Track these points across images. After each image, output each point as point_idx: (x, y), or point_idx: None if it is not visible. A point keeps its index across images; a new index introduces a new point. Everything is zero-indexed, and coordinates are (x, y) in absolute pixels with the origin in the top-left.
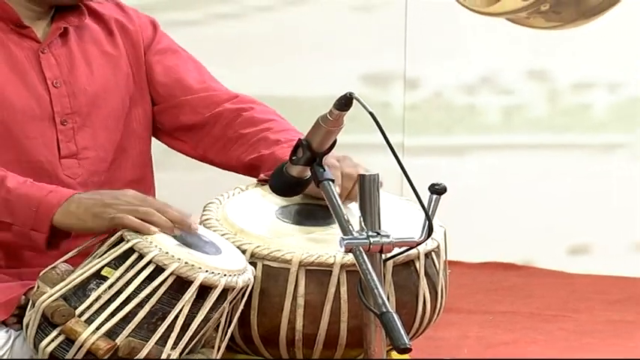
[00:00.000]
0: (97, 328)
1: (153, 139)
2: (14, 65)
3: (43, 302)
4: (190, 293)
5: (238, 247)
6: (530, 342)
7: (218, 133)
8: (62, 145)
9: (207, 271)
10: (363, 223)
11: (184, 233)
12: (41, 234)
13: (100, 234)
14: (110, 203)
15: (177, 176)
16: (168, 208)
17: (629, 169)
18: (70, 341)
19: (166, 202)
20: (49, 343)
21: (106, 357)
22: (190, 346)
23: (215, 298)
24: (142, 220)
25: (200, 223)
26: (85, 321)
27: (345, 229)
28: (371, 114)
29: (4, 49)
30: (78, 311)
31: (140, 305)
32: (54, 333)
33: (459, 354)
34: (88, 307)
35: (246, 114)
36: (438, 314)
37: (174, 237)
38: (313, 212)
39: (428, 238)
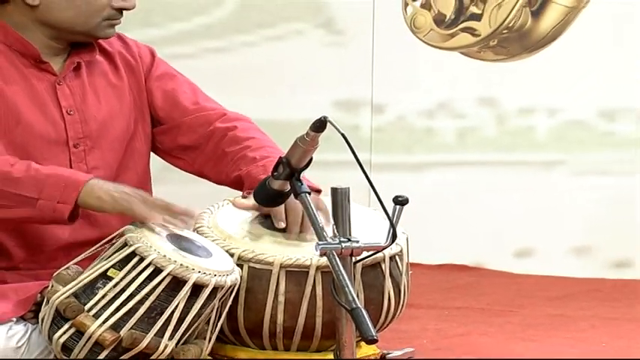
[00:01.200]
0: (104, 322)
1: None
2: (34, 95)
3: (56, 299)
4: (185, 291)
5: (227, 251)
6: (482, 334)
7: (210, 151)
8: (74, 165)
9: (199, 272)
10: (335, 230)
11: (180, 239)
12: (67, 205)
13: (112, 214)
14: (126, 192)
15: (174, 189)
16: (173, 205)
17: (567, 183)
18: (79, 333)
19: (172, 202)
20: (62, 334)
21: (111, 347)
22: (185, 337)
23: (206, 296)
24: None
25: (193, 230)
26: (93, 315)
27: (320, 235)
28: (343, 135)
29: (25, 81)
30: (87, 307)
31: (141, 302)
32: (66, 326)
33: (419, 344)
34: (96, 304)
35: (230, 133)
36: (401, 309)
37: (172, 243)
38: (288, 221)
39: (392, 243)
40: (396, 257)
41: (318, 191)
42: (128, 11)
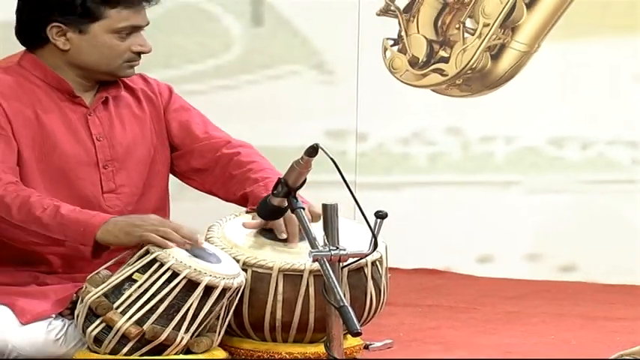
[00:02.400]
0: (129, 318)
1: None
2: (68, 125)
3: (89, 299)
4: (198, 292)
5: (233, 258)
6: (450, 327)
7: (218, 174)
8: (104, 183)
9: (210, 275)
10: (326, 240)
11: (194, 248)
12: (87, 247)
13: (131, 248)
14: (138, 224)
15: (189, 205)
16: (181, 228)
17: (521, 201)
18: (109, 327)
19: (180, 224)
20: (94, 329)
21: (135, 339)
22: (198, 330)
23: (217, 296)
24: (161, 237)
25: (205, 240)
26: (121, 312)
27: (313, 244)
28: (332, 159)
29: (60, 112)
30: (115, 305)
31: (161, 301)
32: (97, 321)
33: (396, 336)
34: (123, 302)
35: (235, 158)
36: (381, 307)
37: (187, 250)
38: (286, 233)
39: (374, 251)
40: (377, 263)
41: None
42: (149, 54)
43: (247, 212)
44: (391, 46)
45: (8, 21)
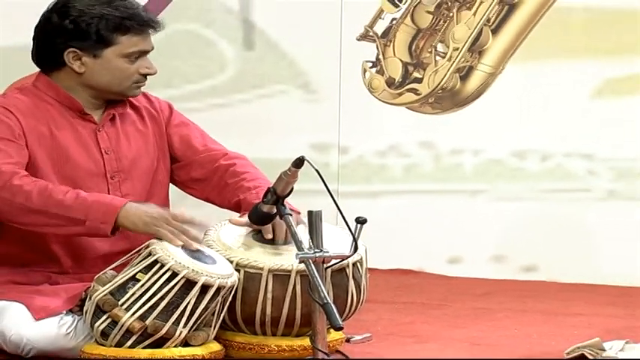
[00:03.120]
0: (133, 314)
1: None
2: (79, 139)
3: (96, 296)
4: (195, 290)
5: (227, 259)
6: (423, 322)
7: (215, 183)
8: (111, 192)
9: (206, 275)
10: (311, 243)
11: (192, 250)
12: (108, 225)
13: (140, 239)
14: (155, 217)
15: (188, 212)
16: (188, 231)
17: (487, 207)
18: (114, 322)
19: (187, 227)
20: (101, 324)
21: (138, 333)
22: (195, 325)
23: (212, 294)
24: (169, 230)
25: (202, 243)
26: (125, 309)
27: (299, 246)
28: (316, 170)
29: (72, 128)
30: (120, 302)
31: (162, 298)
32: (104, 317)
33: (375, 330)
34: (127, 300)
35: (231, 169)
36: (361, 304)
37: (185, 252)
38: (276, 236)
39: (354, 253)
40: (357, 264)
41: (298, 213)
42: (153, 75)
43: (240, 218)
44: (370, 67)
45: (19, 45)
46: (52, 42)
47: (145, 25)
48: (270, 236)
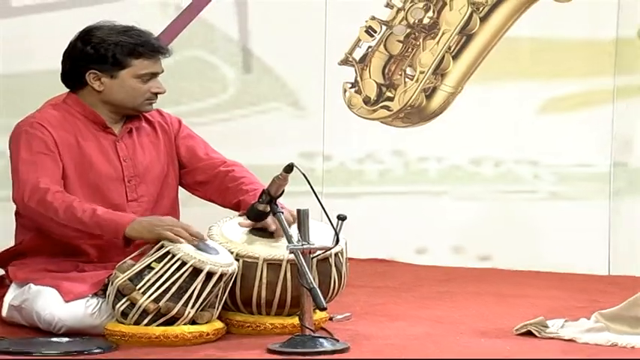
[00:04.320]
0: (149, 297)
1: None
2: (101, 149)
3: (117, 282)
4: (201, 277)
5: (229, 251)
6: (394, 303)
7: (217, 186)
8: (129, 194)
9: (210, 264)
10: (299, 236)
11: (199, 243)
12: (119, 240)
13: (150, 242)
14: (157, 224)
15: (195, 210)
16: (190, 227)
17: (449, 206)
18: (132, 304)
19: (189, 224)
20: (121, 305)
21: (153, 313)
22: (201, 307)
23: (215, 280)
24: (175, 234)
25: (207, 237)
26: (142, 293)
27: (289, 239)
28: (304, 175)
29: (95, 140)
30: (137, 287)
31: (173, 284)
32: (124, 300)
33: (354, 310)
34: (143, 285)
35: (230, 174)
36: (342, 288)
37: (193, 245)
38: (269, 233)
39: (336, 245)
40: (339, 254)
41: (289, 211)
42: (163, 94)
43: (239, 216)
44: (349, 88)
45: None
46: (76, 65)
47: (155, 52)
48: (273, 227)
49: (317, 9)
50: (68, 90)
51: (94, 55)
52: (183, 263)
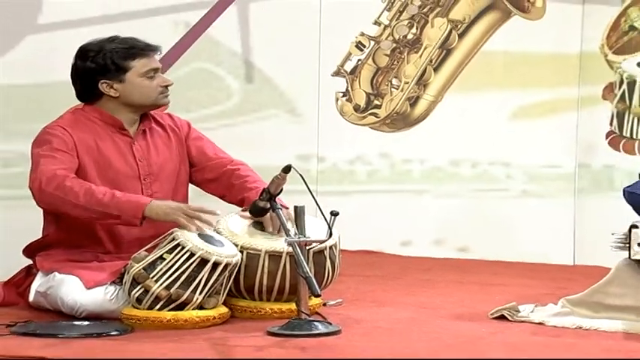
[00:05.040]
0: (161, 285)
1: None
2: (119, 149)
3: (133, 271)
4: (208, 267)
5: (233, 243)
6: (382, 290)
7: (224, 184)
8: (144, 191)
9: (216, 255)
10: (296, 230)
11: (205, 236)
12: (137, 219)
13: (164, 227)
14: (174, 208)
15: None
16: (200, 216)
17: (431, 203)
18: (146, 291)
19: (200, 213)
20: (136, 292)
21: (164, 300)
22: (208, 293)
23: (221, 269)
24: (186, 221)
25: (214, 231)
26: (155, 281)
27: (287, 233)
28: (300, 175)
29: (113, 141)
30: (151, 276)
31: (182, 273)
32: (138, 287)
33: (345, 297)
34: (156, 274)
35: (236, 172)
36: (335, 277)
37: (200, 237)
38: (269, 226)
39: (329, 238)
40: (333, 247)
41: (287, 207)
42: (176, 103)
43: (242, 211)
44: (341, 97)
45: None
46: (85, 81)
47: (145, 49)
48: (270, 229)
49: (312, 26)
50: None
51: (96, 67)
52: (192, 254)
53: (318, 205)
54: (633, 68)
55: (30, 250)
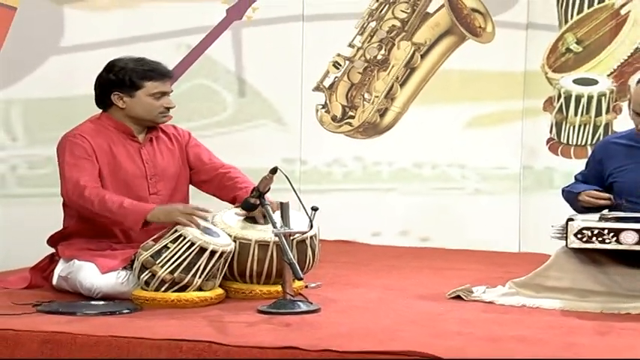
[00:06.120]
0: (166, 269)
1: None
2: (129, 154)
3: (142, 258)
4: (206, 254)
5: (227, 234)
6: (355, 274)
7: (216, 184)
8: (150, 189)
9: (213, 244)
10: (282, 223)
11: (204, 228)
12: (138, 226)
13: (167, 224)
14: (172, 210)
15: (201, 202)
16: (199, 211)
17: (398, 200)
18: (153, 276)
19: (197, 206)
20: (144, 276)
21: (169, 283)
22: (206, 277)
23: (217, 257)
24: (186, 219)
25: (211, 223)
26: (160, 266)
27: (274, 225)
28: (286, 176)
29: (124, 146)
30: (157, 262)
31: (184, 259)
32: (146, 272)
33: (323, 280)
34: (162, 260)
35: (227, 175)
36: (315, 263)
37: (200, 230)
38: (259, 219)
39: (310, 230)
40: (313, 237)
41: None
42: (178, 113)
43: (235, 207)
44: (321, 109)
45: (91, 94)
46: (103, 89)
47: (162, 75)
48: (262, 221)
49: (296, 48)
50: (101, 111)
51: (115, 80)
52: (192, 244)
53: (300, 201)
54: (569, 84)
55: (53, 240)
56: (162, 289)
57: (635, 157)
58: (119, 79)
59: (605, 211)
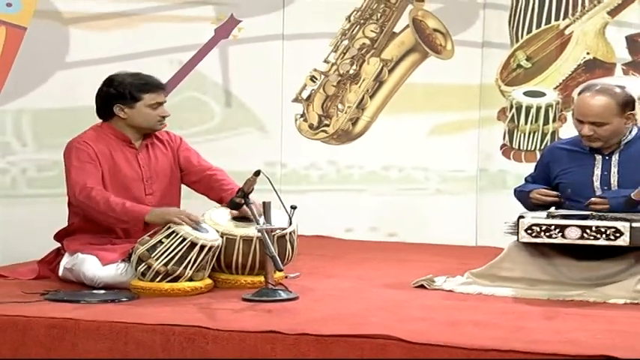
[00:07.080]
0: (160, 262)
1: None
2: (127, 158)
3: (138, 252)
4: (196, 249)
5: (216, 230)
6: (331, 266)
7: (204, 185)
8: (146, 190)
9: (203, 239)
10: (264, 220)
11: (195, 226)
12: (139, 226)
13: (162, 225)
14: (167, 212)
15: (193, 202)
16: (190, 214)
17: (368, 199)
18: (149, 267)
19: (189, 212)
20: (141, 268)
21: (163, 274)
22: (197, 269)
23: (206, 251)
24: (179, 220)
25: (200, 220)
26: (155, 259)
27: (257, 222)
28: (268, 178)
29: (122, 152)
30: (152, 255)
31: (177, 253)
32: (142, 264)
33: (302, 271)
34: (156, 254)
35: (214, 176)
36: (294, 256)
37: (191, 227)
38: (244, 218)
39: (290, 226)
40: (292, 232)
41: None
42: (172, 121)
43: (222, 206)
44: (299, 117)
45: (93, 106)
46: (104, 102)
47: (157, 87)
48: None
49: (277, 63)
50: (102, 120)
51: (116, 94)
52: (184, 239)
53: (281, 200)
54: (520, 96)
55: (59, 235)
56: (157, 279)
57: (578, 160)
58: (119, 93)
59: (552, 209)
